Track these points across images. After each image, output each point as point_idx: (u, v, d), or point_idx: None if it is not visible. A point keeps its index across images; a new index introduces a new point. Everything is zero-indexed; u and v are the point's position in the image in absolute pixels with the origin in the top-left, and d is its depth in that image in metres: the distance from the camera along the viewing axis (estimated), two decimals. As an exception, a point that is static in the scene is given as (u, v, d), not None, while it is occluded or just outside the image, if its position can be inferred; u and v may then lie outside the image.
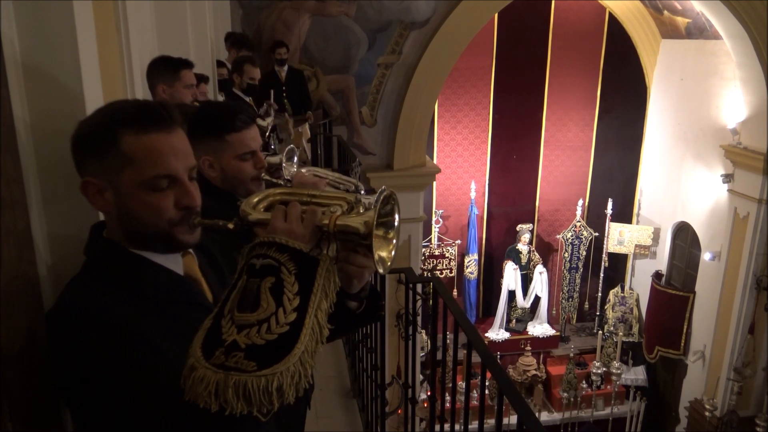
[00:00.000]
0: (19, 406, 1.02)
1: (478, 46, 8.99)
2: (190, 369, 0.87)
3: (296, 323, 0.90)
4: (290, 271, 0.93)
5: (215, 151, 1.74)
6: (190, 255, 1.21)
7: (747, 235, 7.73)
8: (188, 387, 0.87)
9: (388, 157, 7.52)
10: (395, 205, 1.04)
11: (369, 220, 0.97)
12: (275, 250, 0.95)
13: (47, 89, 1.21)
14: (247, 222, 1.05)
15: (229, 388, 0.84)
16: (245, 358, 0.86)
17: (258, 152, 1.79)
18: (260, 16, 6.98)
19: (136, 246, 1.11)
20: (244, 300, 0.91)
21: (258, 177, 1.79)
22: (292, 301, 0.91)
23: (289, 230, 0.97)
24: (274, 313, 0.89)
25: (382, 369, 3.00)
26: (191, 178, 1.12)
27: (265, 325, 0.88)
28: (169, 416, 0.91)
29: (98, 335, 0.97)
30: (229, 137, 1.73)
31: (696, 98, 8.77)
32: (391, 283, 3.48)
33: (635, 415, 9.13)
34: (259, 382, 0.84)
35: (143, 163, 1.05)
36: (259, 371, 0.85)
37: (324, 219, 0.99)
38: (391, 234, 1.05)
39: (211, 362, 0.86)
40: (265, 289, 0.91)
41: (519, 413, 1.68)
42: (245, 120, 1.77)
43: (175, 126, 1.10)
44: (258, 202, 1.08)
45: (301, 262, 0.94)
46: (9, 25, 1.13)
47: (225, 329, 0.89)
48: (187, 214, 1.10)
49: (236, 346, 0.87)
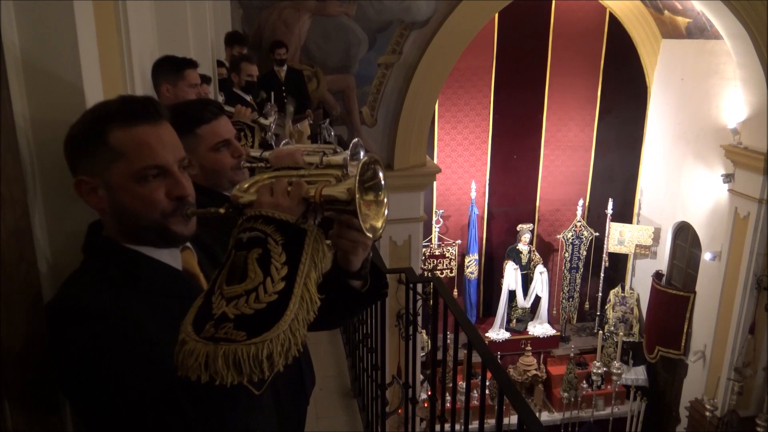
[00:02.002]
0: (20, 403, 1.02)
1: (479, 46, 8.99)
2: (181, 344, 0.88)
3: (285, 292, 0.90)
4: (277, 242, 0.94)
5: (190, 148, 1.74)
6: (189, 250, 1.22)
7: (747, 235, 7.73)
8: (179, 362, 0.87)
9: (388, 157, 7.52)
10: (377, 166, 1.05)
11: (351, 186, 0.98)
12: (261, 222, 0.95)
13: (48, 89, 1.21)
14: (238, 204, 1.06)
15: (219, 358, 0.84)
16: (234, 328, 0.86)
17: (233, 141, 1.78)
18: (260, 16, 6.98)
19: (133, 241, 1.11)
20: (232, 273, 0.92)
21: (238, 166, 1.78)
22: (280, 271, 0.91)
23: (275, 203, 0.98)
24: (262, 283, 0.90)
25: (383, 369, 3.00)
26: (182, 168, 1.13)
27: (254, 294, 0.89)
28: (170, 408, 0.91)
29: (94, 325, 0.98)
30: (199, 130, 1.73)
31: (696, 98, 8.77)
32: (392, 283, 3.47)
33: (636, 415, 9.13)
34: (249, 350, 0.84)
35: (132, 156, 1.06)
36: (248, 340, 0.85)
37: (310, 191, 1.01)
38: (381, 195, 1.06)
39: (202, 335, 0.87)
40: (252, 260, 0.92)
41: (519, 413, 1.69)
42: (213, 110, 1.77)
43: (162, 119, 1.11)
44: (249, 187, 1.09)
45: (288, 233, 0.95)
46: (9, 25, 1.13)
47: (215, 303, 0.89)
48: (180, 205, 1.10)
49: (225, 317, 0.87)
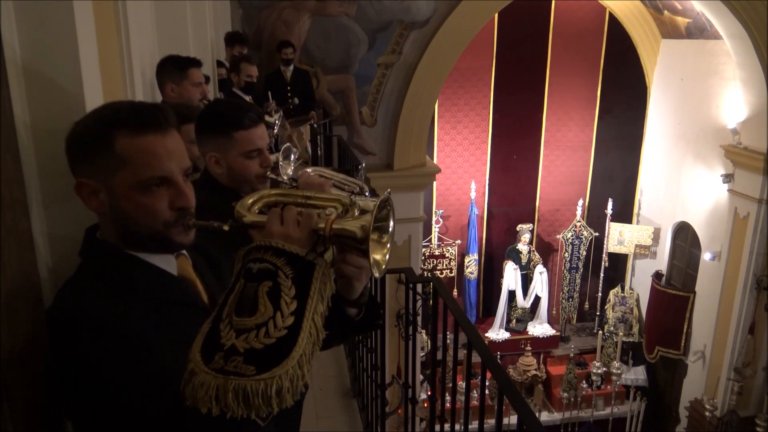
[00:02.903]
0: (20, 407, 1.02)
1: (478, 46, 8.99)
2: (191, 374, 0.87)
3: (294, 327, 0.90)
4: (287, 275, 0.93)
5: (222, 148, 1.75)
6: (183, 256, 1.21)
7: (747, 235, 7.73)
8: (189, 392, 0.87)
9: (388, 157, 7.52)
10: (390, 210, 1.05)
11: (366, 224, 0.97)
12: (272, 254, 0.95)
13: (48, 89, 1.21)
14: (242, 224, 1.06)
15: (229, 393, 0.84)
16: (244, 363, 0.86)
17: (264, 151, 1.80)
18: (260, 16, 6.98)
19: (131, 247, 1.10)
20: (242, 304, 0.91)
21: (264, 175, 1.80)
22: (290, 305, 0.91)
23: (286, 234, 0.97)
24: (272, 317, 0.90)
25: (383, 369, 3.00)
26: (186, 178, 1.12)
27: (263, 329, 0.89)
28: (168, 419, 0.91)
29: (93, 336, 0.97)
30: (236, 134, 1.74)
31: (696, 98, 8.77)
32: (391, 283, 3.48)
33: (635, 415, 9.13)
34: (257, 386, 0.85)
35: (138, 165, 1.05)
36: (257, 375, 0.85)
37: (320, 223, 0.99)
38: (385, 238, 1.05)
39: (211, 367, 0.86)
40: (262, 293, 0.91)
41: (519, 413, 1.68)
42: (253, 118, 1.78)
43: (170, 127, 1.10)
44: (252, 204, 1.09)
45: (298, 266, 0.94)
46: (9, 25, 1.13)
47: (224, 333, 0.89)
48: (181, 215, 1.09)
49: (235, 350, 0.87)
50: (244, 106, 1.85)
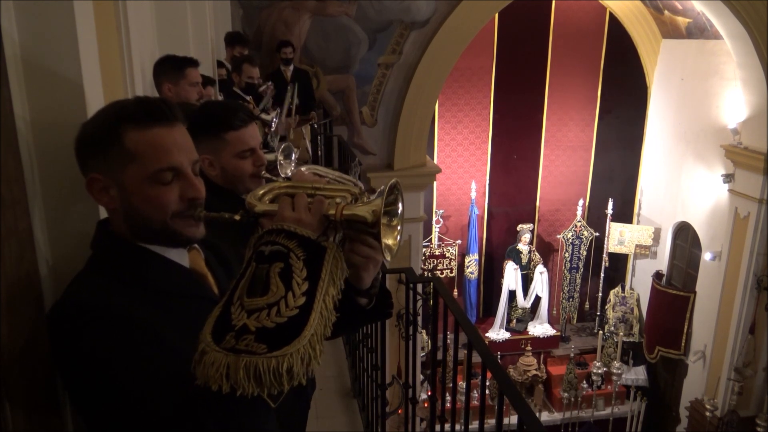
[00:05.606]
0: (20, 405, 1.02)
1: (479, 46, 8.99)
2: (201, 353, 0.88)
3: (305, 307, 0.90)
4: (299, 257, 0.94)
5: (215, 150, 1.75)
6: (195, 250, 1.22)
7: (747, 235, 7.73)
8: (199, 371, 0.87)
9: (388, 157, 7.52)
10: (399, 194, 1.06)
11: (376, 209, 0.98)
12: (284, 237, 0.96)
13: (48, 89, 1.21)
14: (254, 213, 1.07)
15: (240, 370, 0.84)
16: (255, 341, 0.86)
17: (257, 150, 1.80)
18: (260, 16, 6.98)
19: (142, 241, 1.12)
20: (253, 285, 0.92)
21: (257, 175, 1.80)
22: (301, 286, 0.92)
23: (297, 218, 0.99)
24: (284, 297, 0.90)
25: (383, 369, 3.00)
26: (195, 172, 1.13)
27: (275, 308, 0.89)
28: (179, 409, 0.92)
29: (101, 325, 0.98)
30: (227, 135, 1.74)
31: (696, 98, 8.77)
32: (392, 283, 3.47)
33: (636, 415, 9.13)
34: (269, 363, 0.85)
35: (147, 158, 1.07)
36: (269, 353, 0.86)
37: (330, 209, 1.01)
38: (395, 221, 1.06)
39: (222, 346, 0.87)
40: (274, 273, 0.92)
41: (519, 413, 1.68)
42: (243, 118, 1.78)
43: (177, 121, 1.11)
44: (263, 195, 1.10)
45: (309, 249, 0.95)
46: (10, 24, 1.13)
47: (235, 315, 0.90)
48: (192, 206, 1.11)
49: (246, 329, 0.88)
50: (233, 106, 1.84)
